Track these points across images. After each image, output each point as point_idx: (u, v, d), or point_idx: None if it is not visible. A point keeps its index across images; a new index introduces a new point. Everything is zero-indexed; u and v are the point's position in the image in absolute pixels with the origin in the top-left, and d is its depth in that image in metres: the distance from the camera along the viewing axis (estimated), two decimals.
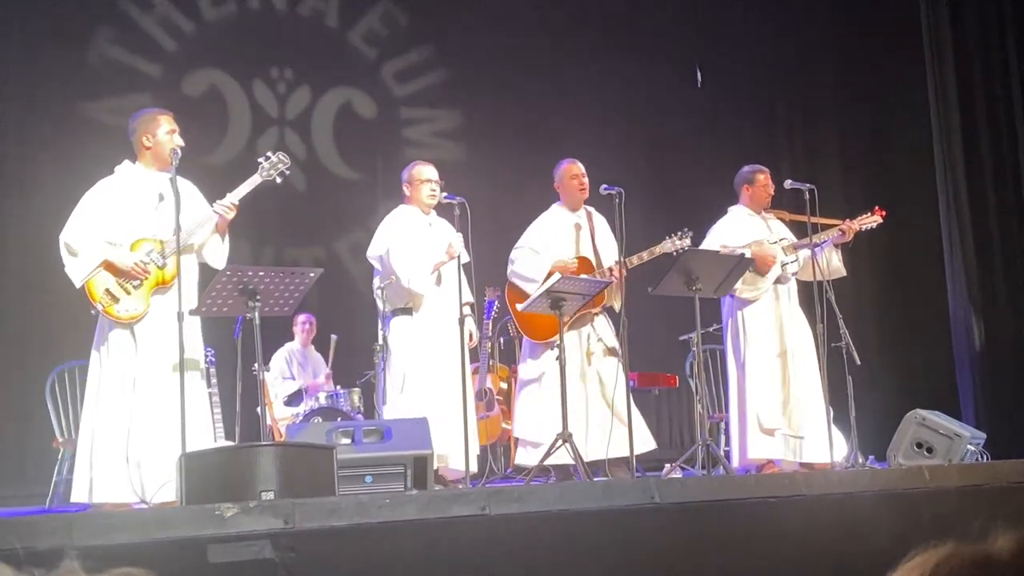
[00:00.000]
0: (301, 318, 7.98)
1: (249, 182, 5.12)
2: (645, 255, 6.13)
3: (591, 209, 6.42)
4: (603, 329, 6.22)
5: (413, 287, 5.81)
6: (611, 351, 6.15)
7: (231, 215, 5.07)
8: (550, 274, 6.06)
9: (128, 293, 4.97)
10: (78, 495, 4.97)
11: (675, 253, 6.05)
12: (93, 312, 5.00)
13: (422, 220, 6.03)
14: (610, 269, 6.04)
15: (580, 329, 6.18)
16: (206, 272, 5.20)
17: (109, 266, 4.97)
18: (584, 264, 6.23)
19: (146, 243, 5.02)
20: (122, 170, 5.21)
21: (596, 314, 6.17)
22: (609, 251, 6.28)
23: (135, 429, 4.89)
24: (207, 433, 5.14)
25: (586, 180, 6.34)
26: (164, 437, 4.80)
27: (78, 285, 4.99)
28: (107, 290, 4.96)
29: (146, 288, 4.98)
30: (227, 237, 5.25)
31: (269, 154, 5.23)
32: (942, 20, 8.50)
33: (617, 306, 6.21)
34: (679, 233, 6.15)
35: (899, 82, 8.97)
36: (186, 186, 5.24)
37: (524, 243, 6.37)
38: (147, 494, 4.83)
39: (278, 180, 5.25)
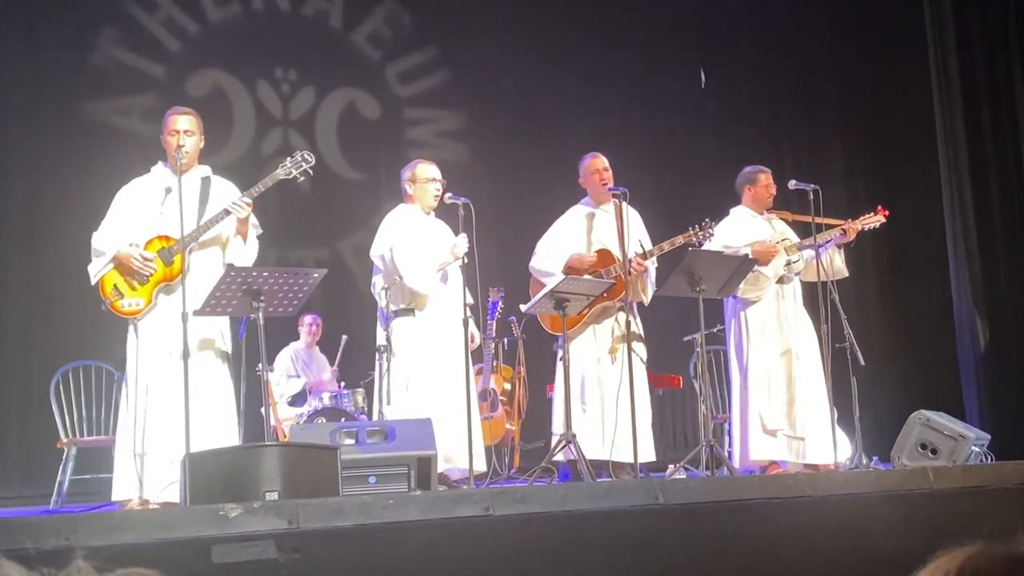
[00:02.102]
0: (308, 319, 7.99)
1: (268, 179, 5.12)
2: (666, 245, 6.08)
3: (623, 203, 6.35)
4: (625, 323, 6.15)
5: (417, 287, 5.79)
6: (634, 349, 6.10)
7: (243, 213, 5.07)
8: (568, 266, 6.10)
9: (133, 289, 5.02)
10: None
11: (697, 243, 6.03)
12: (103, 307, 5.05)
13: (424, 220, 6.01)
14: (630, 260, 5.97)
15: (604, 323, 6.17)
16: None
17: (117, 262, 5.03)
18: (604, 257, 6.20)
19: (158, 242, 5.06)
20: (155, 170, 5.30)
21: (619, 309, 6.11)
22: (637, 244, 6.21)
23: (143, 428, 4.90)
24: (231, 424, 5.12)
25: (608, 174, 6.30)
26: (168, 435, 4.81)
27: (92, 282, 5.06)
28: (115, 286, 5.03)
29: (150, 284, 5.01)
30: (252, 238, 5.25)
31: (295, 153, 5.22)
32: (946, 20, 8.48)
33: (647, 300, 6.20)
34: (702, 223, 6.07)
35: (903, 82, 8.96)
36: (224, 186, 5.28)
37: (546, 238, 6.37)
38: (145, 492, 4.84)
39: (300, 179, 5.25)
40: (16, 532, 3.12)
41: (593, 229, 6.33)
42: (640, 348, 6.17)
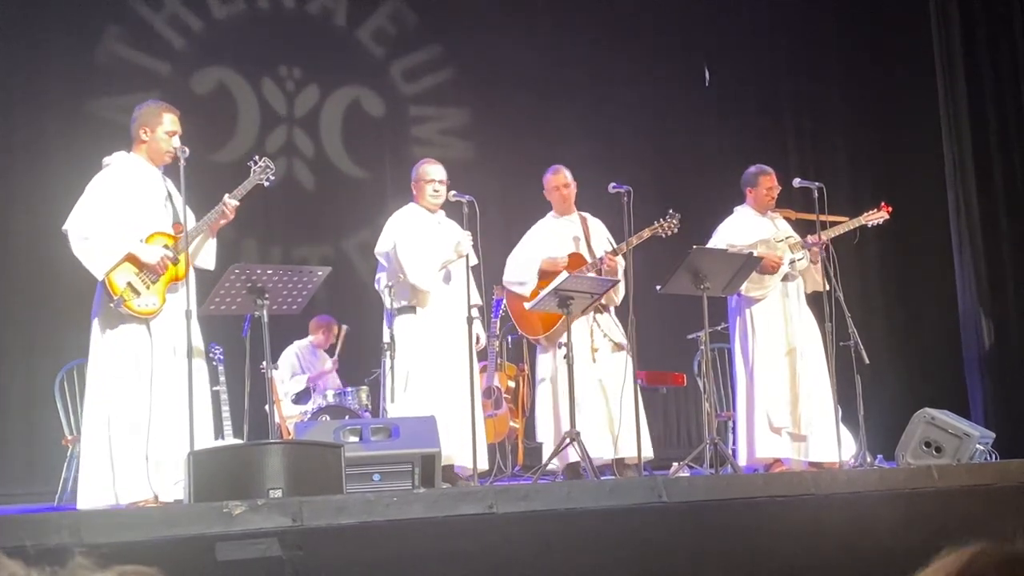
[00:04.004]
0: (325, 321, 7.97)
1: (247, 183, 5.12)
2: (634, 240, 6.07)
3: (585, 214, 6.45)
4: (608, 326, 6.21)
5: (419, 283, 5.81)
6: (618, 348, 6.15)
7: (231, 216, 5.08)
8: (541, 270, 6.20)
9: (147, 287, 4.91)
10: (97, 498, 4.79)
11: (663, 235, 6.05)
12: (112, 304, 4.86)
13: (430, 219, 6.04)
14: (600, 259, 6.06)
15: (581, 321, 6.18)
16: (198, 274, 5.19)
17: (132, 259, 4.89)
18: (576, 260, 6.25)
19: (160, 238, 4.98)
20: (119, 160, 5.12)
21: (595, 309, 6.16)
22: (607, 243, 6.31)
23: (154, 426, 4.84)
24: (208, 430, 5.12)
25: (568, 190, 6.40)
26: (182, 434, 4.79)
27: (100, 277, 4.87)
28: (129, 283, 4.87)
29: (162, 284, 4.94)
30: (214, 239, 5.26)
31: (256, 158, 5.20)
32: (952, 19, 8.47)
33: (618, 300, 6.23)
34: (667, 215, 6.10)
35: (908, 80, 8.95)
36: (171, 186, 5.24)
37: (516, 252, 6.44)
38: (155, 490, 4.82)
39: (265, 184, 5.22)
40: (18, 530, 3.13)
41: (562, 238, 6.38)
42: (621, 344, 6.19)
